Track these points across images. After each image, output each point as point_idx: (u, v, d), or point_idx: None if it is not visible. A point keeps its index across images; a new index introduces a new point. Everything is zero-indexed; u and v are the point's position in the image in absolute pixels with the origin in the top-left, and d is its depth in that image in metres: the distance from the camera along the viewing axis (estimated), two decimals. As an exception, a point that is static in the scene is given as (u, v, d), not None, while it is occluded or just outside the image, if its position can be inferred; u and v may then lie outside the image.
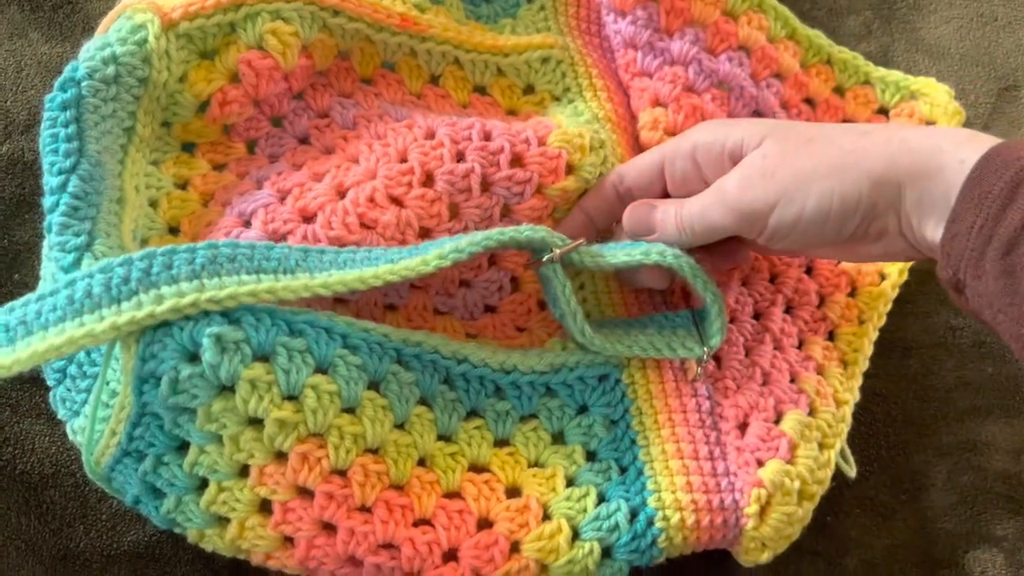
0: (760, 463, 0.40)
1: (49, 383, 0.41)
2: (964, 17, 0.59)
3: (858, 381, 0.45)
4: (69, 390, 0.40)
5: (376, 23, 0.46)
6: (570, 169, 0.45)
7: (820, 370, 0.46)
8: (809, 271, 0.49)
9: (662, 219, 0.42)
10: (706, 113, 0.49)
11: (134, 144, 0.42)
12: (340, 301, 0.42)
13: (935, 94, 0.53)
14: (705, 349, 0.42)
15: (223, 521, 0.38)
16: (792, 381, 0.44)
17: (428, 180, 0.42)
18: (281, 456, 0.36)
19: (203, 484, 0.38)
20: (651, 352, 0.42)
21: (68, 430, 0.41)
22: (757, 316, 0.47)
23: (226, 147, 0.45)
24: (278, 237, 0.41)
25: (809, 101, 0.54)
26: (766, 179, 0.39)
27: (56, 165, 0.38)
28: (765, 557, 0.40)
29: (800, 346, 0.47)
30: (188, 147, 0.45)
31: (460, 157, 0.43)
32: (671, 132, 0.49)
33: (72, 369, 0.40)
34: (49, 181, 0.38)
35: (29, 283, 0.45)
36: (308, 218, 0.41)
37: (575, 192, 0.45)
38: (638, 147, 0.49)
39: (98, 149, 0.39)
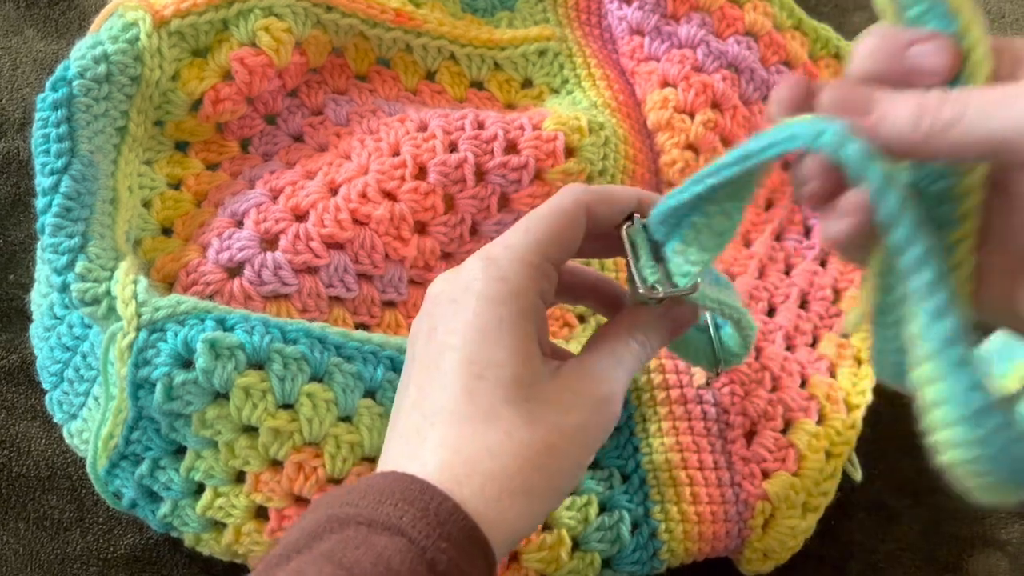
0: (766, 475, 0.40)
1: (45, 386, 0.41)
2: (972, 13, 0.58)
3: (871, 381, 0.44)
4: (66, 393, 0.40)
5: (370, 19, 0.46)
6: (571, 152, 0.44)
7: (832, 370, 0.45)
8: (823, 263, 0.48)
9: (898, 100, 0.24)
10: (717, 92, 0.49)
11: (127, 143, 0.42)
12: (337, 300, 0.41)
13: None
14: (720, 367, 0.40)
15: (219, 526, 0.38)
16: (803, 386, 0.43)
17: (421, 173, 0.42)
18: (277, 464, 0.36)
19: (199, 489, 0.37)
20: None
21: (65, 433, 0.41)
22: (771, 311, 0.46)
23: (220, 146, 0.45)
24: (270, 237, 0.40)
25: (819, 93, 0.54)
26: None
27: (48, 166, 0.38)
28: (767, 567, 0.39)
29: (813, 343, 0.46)
30: (182, 146, 0.44)
31: (453, 148, 0.42)
32: (681, 111, 0.48)
33: (69, 372, 0.40)
34: (41, 182, 0.38)
35: (25, 283, 0.45)
36: (300, 216, 0.41)
37: (579, 175, 0.44)
38: (645, 132, 0.49)
39: (91, 149, 0.39)
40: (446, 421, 0.27)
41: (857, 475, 0.43)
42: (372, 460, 0.37)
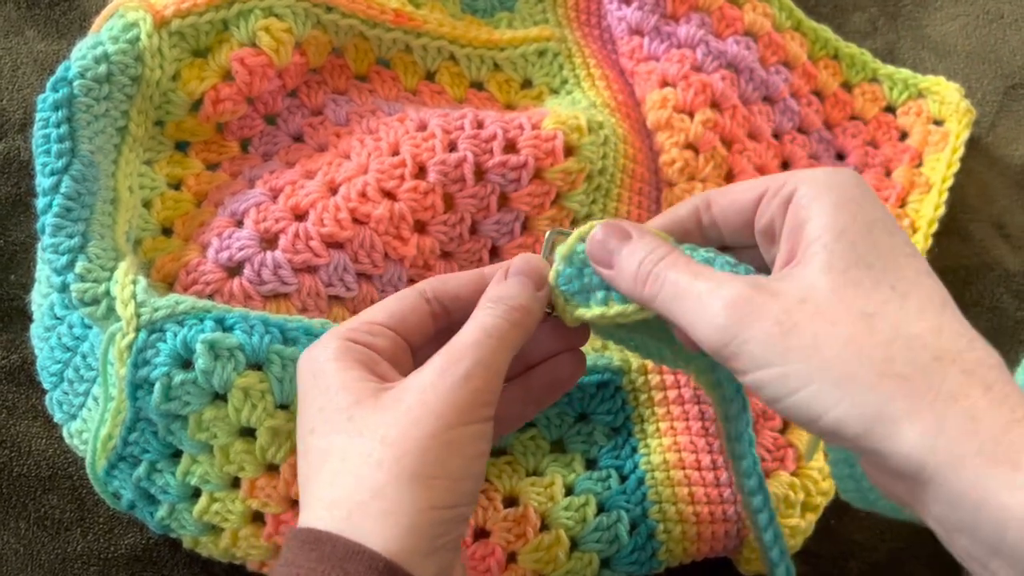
0: (765, 474, 0.39)
1: (45, 386, 0.41)
2: (970, 14, 0.59)
3: None
4: (66, 393, 0.40)
5: (370, 19, 0.46)
6: (570, 151, 0.44)
7: None
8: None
9: (624, 262, 0.31)
10: (716, 92, 0.49)
11: (127, 143, 0.42)
12: (336, 299, 0.41)
13: (945, 92, 0.53)
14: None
15: (216, 530, 0.38)
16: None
17: (420, 172, 0.42)
18: (273, 469, 0.36)
19: (196, 493, 0.37)
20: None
21: (65, 433, 0.41)
22: None
23: (220, 146, 0.45)
24: (270, 236, 0.40)
25: (818, 94, 0.54)
26: (779, 336, 0.27)
27: (48, 166, 0.38)
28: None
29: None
30: (182, 146, 0.44)
31: (452, 147, 0.42)
32: (680, 110, 0.48)
33: (69, 373, 0.40)
34: (42, 182, 0.38)
35: (26, 283, 0.45)
36: (300, 216, 0.41)
37: (579, 173, 0.44)
38: (645, 132, 0.49)
39: (91, 149, 0.39)
40: (303, 474, 0.31)
41: (856, 474, 0.43)
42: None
